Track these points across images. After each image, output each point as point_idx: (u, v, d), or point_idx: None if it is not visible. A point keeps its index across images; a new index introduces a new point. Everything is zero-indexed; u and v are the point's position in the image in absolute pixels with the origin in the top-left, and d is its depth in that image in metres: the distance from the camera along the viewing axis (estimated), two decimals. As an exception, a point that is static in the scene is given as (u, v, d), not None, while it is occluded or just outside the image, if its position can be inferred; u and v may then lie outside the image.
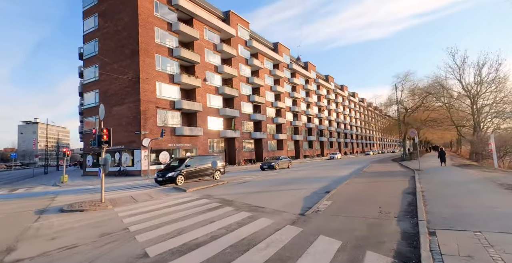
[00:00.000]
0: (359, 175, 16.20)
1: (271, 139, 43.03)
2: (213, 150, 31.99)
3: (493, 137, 15.00)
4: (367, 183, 12.49)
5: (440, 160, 22.38)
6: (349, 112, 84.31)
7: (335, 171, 21.16)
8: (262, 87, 41.40)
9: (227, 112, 32.94)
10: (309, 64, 59.49)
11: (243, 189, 12.54)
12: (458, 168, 17.36)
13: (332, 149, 67.41)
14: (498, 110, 27.11)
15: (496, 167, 15.41)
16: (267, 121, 42.24)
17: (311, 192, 11.01)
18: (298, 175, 18.60)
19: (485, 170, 14.47)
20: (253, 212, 7.70)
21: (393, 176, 15.25)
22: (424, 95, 35.90)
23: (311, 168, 25.33)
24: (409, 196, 8.90)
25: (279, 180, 16.09)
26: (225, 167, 18.60)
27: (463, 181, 11.00)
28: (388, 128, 64.45)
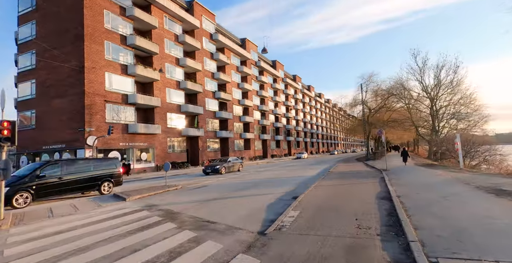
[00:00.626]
0: (327, 176, 15.15)
1: (238, 138, 41.30)
2: (174, 150, 29.39)
3: (459, 137, 14.88)
4: (337, 186, 11.33)
5: (403, 159, 22.70)
6: (316, 112, 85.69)
7: (302, 172, 20.09)
8: (228, 83, 39.48)
9: (190, 109, 30.52)
10: (277, 63, 58.82)
11: (197, 196, 10.64)
12: (423, 168, 17.17)
13: (299, 148, 67.66)
14: (454, 111, 28.36)
15: (462, 167, 15.34)
16: (234, 119, 40.41)
17: (276, 198, 9.50)
18: (264, 177, 17.12)
19: (451, 170, 14.24)
20: (199, 230, 5.91)
21: (362, 177, 14.41)
22: (387, 96, 36.81)
23: (278, 169, 24.10)
24: (385, 202, 7.75)
25: (243, 183, 14.42)
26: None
27: (436, 183, 10.27)
28: (352, 128, 66.33)
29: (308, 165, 28.03)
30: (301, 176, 16.69)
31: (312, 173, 18.97)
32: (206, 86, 34.97)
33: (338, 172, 17.58)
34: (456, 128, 28.22)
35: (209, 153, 34.48)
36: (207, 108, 34.70)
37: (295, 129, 66.57)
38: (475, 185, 9.07)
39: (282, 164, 31.64)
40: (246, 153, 42.95)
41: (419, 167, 18.02)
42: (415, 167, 18.45)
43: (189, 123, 32.06)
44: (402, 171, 16.26)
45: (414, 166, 19.05)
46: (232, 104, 40.20)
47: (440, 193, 8.18)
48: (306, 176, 16.61)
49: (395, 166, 19.85)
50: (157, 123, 27.01)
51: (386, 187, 10.28)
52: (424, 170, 15.09)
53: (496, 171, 16.48)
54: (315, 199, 8.52)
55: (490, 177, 10.46)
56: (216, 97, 36.42)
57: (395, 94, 34.58)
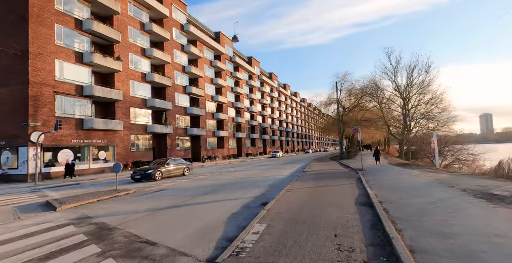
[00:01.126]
0: (301, 177, 14.04)
1: (211, 136, 39.39)
2: (138, 148, 26.95)
3: (436, 136, 14.44)
4: (312, 189, 10.17)
5: (375, 158, 22.41)
6: (291, 111, 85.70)
7: (276, 171, 18.92)
8: (201, 78, 37.40)
9: (157, 104, 28.19)
10: (253, 59, 57.47)
11: (148, 203, 8.94)
12: (398, 167, 16.68)
13: (275, 147, 67.00)
14: (424, 111, 28.77)
15: (438, 167, 14.95)
16: (206, 116, 38.44)
17: (242, 205, 8.10)
18: (234, 178, 15.67)
19: (428, 170, 13.75)
20: (128, 258, 4.32)
21: (338, 178, 13.46)
22: (360, 95, 36.97)
23: (251, 168, 22.76)
24: (367, 209, 6.64)
25: (207, 186, 12.85)
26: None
27: (418, 186, 9.44)
28: (326, 127, 66.93)
29: (282, 164, 27.02)
30: (274, 177, 15.46)
31: (286, 173, 17.85)
32: (176, 80, 32.70)
33: (312, 172, 16.59)
34: (427, 127, 28.69)
35: (178, 151, 32.32)
36: (177, 104, 32.46)
37: (271, 128, 65.76)
38: (460, 188, 8.31)
39: (256, 163, 30.38)
40: (219, 152, 41.19)
41: (394, 166, 17.57)
42: (390, 166, 17.98)
43: (156, 119, 29.69)
44: (377, 171, 15.60)
45: (388, 166, 18.60)
46: (204, 100, 38.19)
47: (427, 199, 7.24)
48: (279, 177, 15.41)
49: (369, 165, 19.31)
50: (118, 118, 24.48)
51: (364, 190, 9.28)
52: (400, 170, 14.49)
53: (470, 171, 16.42)
54: (287, 206, 7.22)
55: (472, 178, 9.88)
56: (187, 92, 34.25)
57: (368, 93, 34.65)
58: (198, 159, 36.21)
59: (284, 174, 16.88)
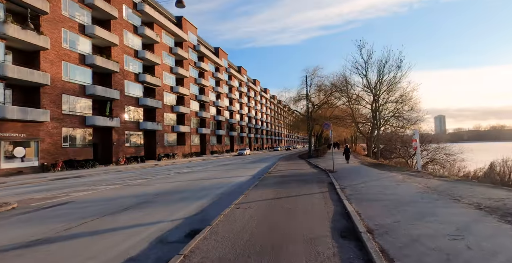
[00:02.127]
0: (262, 182, 11.31)
1: (169, 132, 35.36)
2: (74, 144, 22.44)
3: (418, 133, 12.55)
4: (271, 203, 7.43)
5: (345, 157, 20.68)
6: (261, 107, 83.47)
7: (237, 172, 16.06)
8: (158, 66, 33.17)
9: (99, 91, 23.78)
10: (220, 50, 53.84)
11: (16, 232, 5.53)
12: (373, 169, 14.67)
13: (243, 144, 64.21)
14: (394, 108, 27.75)
15: (420, 169, 13.11)
16: (164, 109, 34.35)
17: (156, 236, 5.08)
18: (180, 182, 12.50)
19: (410, 173, 11.77)
20: None
21: (306, 183, 10.95)
22: (330, 91, 35.55)
23: (210, 168, 19.64)
24: (353, 250, 3.99)
25: (135, 196, 9.56)
26: None
27: (412, 198, 7.10)
28: (295, 124, 65.64)
29: (247, 164, 24.25)
30: (230, 181, 12.56)
31: (247, 175, 15.06)
32: (126, 66, 28.29)
33: (277, 175, 13.98)
34: (397, 125, 27.71)
35: (128, 148, 28.06)
36: (126, 93, 28.11)
37: (239, 124, 62.81)
38: (469, 202, 6.09)
39: (218, 162, 27.28)
40: (179, 149, 37.31)
41: (368, 167, 15.59)
42: (364, 167, 16.00)
43: (100, 110, 25.22)
44: (351, 173, 13.42)
45: (361, 166, 16.65)
46: (162, 91, 34.04)
47: (437, 225, 4.79)
48: (237, 181, 12.56)
49: (340, 165, 17.22)
50: (45, 107, 19.87)
51: (341, 204, 6.74)
52: (377, 173, 12.39)
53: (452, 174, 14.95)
54: (223, 245, 4.33)
55: (472, 186, 7.86)
56: (140, 80, 29.94)
57: (338, 88, 33.15)
58: (153, 157, 32.14)
59: (244, 177, 14.07)
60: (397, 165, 17.80)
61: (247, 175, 15.06)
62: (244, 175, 14.86)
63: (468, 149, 19.23)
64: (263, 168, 18.97)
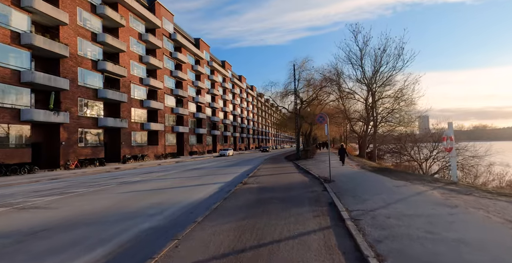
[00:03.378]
0: (228, 203, 7.38)
1: (138, 130, 30.83)
2: (4, 143, 17.75)
3: (452, 128, 8.95)
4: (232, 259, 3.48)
5: (340, 158, 17.48)
6: (247, 105, 79.53)
7: (202, 181, 12.04)
8: (123, 53, 28.60)
9: (40, 79, 19.14)
10: (202, 42, 49.44)
11: None
12: (383, 177, 11.02)
13: (227, 144, 60.05)
14: (394, 104, 24.40)
15: (456, 180, 9.50)
16: (132, 103, 29.82)
17: None
18: (92, 207, 8.34)
19: (446, 187, 8.09)
20: None
21: (293, 202, 7.15)
22: (320, 86, 32.19)
23: (171, 176, 15.49)
24: None
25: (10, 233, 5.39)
26: None
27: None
28: (283, 123, 62.06)
29: (224, 167, 20.28)
30: (181, 200, 8.51)
31: (215, 186, 11.08)
32: (81, 50, 23.65)
33: (254, 186, 10.08)
34: (397, 123, 24.35)
35: (82, 149, 23.44)
36: (80, 83, 23.48)
37: (223, 122, 58.61)
38: None
39: (192, 165, 23.15)
40: (151, 150, 32.82)
41: (374, 174, 11.95)
42: (368, 174, 12.36)
43: (44, 102, 20.56)
44: (356, 183, 9.71)
45: (364, 173, 13.01)
46: (129, 82, 29.49)
47: None
48: (192, 200, 8.54)
49: (337, 171, 13.52)
50: (-46, 96, 15.16)
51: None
52: (396, 186, 8.66)
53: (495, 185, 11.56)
54: None
55: None
56: (99, 69, 25.32)
57: (329, 82, 29.69)
58: (118, 159, 27.58)
59: (209, 190, 10.07)
60: (408, 170, 14.24)
61: (214, 186, 11.08)
62: (210, 187, 10.88)
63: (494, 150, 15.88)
64: (240, 175, 15.05)
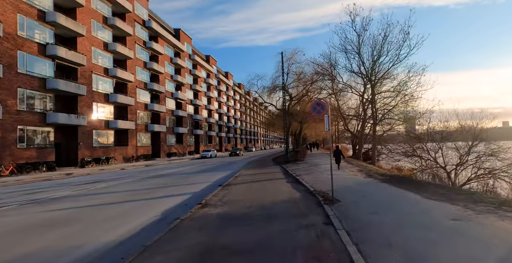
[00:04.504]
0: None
1: (101, 128, 26.55)
2: None
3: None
4: None
5: (336, 161, 14.57)
6: (234, 103, 75.67)
7: (150, 201, 8.19)
8: (82, 38, 24.29)
9: (-47, 61, 14.79)
10: (182, 33, 45.26)
11: None
12: (413, 194, 7.55)
13: (211, 145, 56.01)
14: (397, 99, 21.21)
15: None
16: (93, 97, 25.55)
17: None
18: None
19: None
20: None
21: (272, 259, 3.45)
22: (311, 81, 29.03)
23: (120, 188, 11.59)
24: None
25: None
26: None
27: None
28: (271, 122, 58.54)
29: (195, 174, 16.48)
30: (63, 254, 4.72)
31: (155, 214, 7.26)
32: (22, 29, 19.31)
33: (214, 213, 6.37)
34: (401, 119, 21.15)
35: (23, 151, 19.11)
36: (21, 70, 19.15)
37: (207, 121, 54.58)
38: None
39: (160, 170, 19.23)
40: (119, 152, 28.56)
41: (395, 188, 8.47)
42: (383, 187, 8.89)
43: (-35, 92, 16.19)
44: (386, 215, 6.15)
45: (377, 184, 9.56)
46: (90, 73, 25.18)
47: None
48: (84, 253, 4.74)
49: (340, 181, 10.00)
50: None
51: None
52: (462, 220, 5.12)
53: None
54: None
55: None
56: (49, 54, 21.00)
57: (322, 74, 26.45)
58: (75, 163, 23.29)
59: (135, 225, 6.21)
60: (434, 179, 10.76)
61: (158, 210, 7.28)
62: (151, 212, 7.10)
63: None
64: (209, 186, 11.32)
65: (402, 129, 21.73)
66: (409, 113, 19.80)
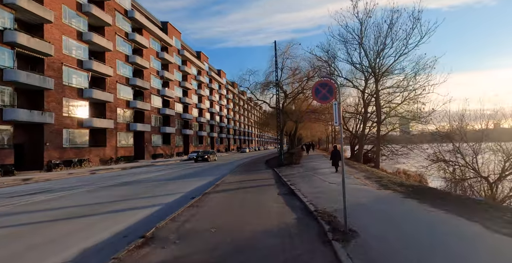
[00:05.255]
0: None
1: (74, 127, 23.75)
2: None
3: None
4: None
5: (333, 164, 13.04)
6: (227, 102, 73.05)
7: (84, 226, 5.59)
8: (49, 24, 21.52)
9: None
10: (170, 26, 42.49)
11: None
12: (457, 220, 5.14)
13: (202, 145, 53.30)
14: (405, 95, 18.89)
15: None
16: (64, 92, 22.76)
17: None
18: None
19: None
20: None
21: None
22: (307, 77, 26.81)
23: (68, 201, 8.97)
24: None
25: None
26: None
27: None
28: (264, 122, 55.92)
29: (171, 181, 13.90)
30: None
31: (82, 246, 4.72)
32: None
33: (164, 260, 3.87)
34: (410, 117, 18.83)
35: (-28, 153, 16.27)
36: (-31, 58, 16.34)
37: (197, 121, 51.90)
38: None
39: (135, 175, 16.59)
40: (95, 153, 25.76)
41: (441, 214, 6.04)
42: (437, 218, 6.42)
43: None
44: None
45: (409, 205, 7.14)
46: (60, 65, 22.38)
47: None
48: None
49: (354, 199, 7.56)
50: None
51: None
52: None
53: None
54: None
55: None
56: (7, 41, 18.19)
57: (319, 71, 24.17)
58: (40, 166, 20.48)
59: None
60: (465, 191, 8.35)
61: (71, 251, 4.74)
62: (66, 252, 4.56)
63: None
64: (177, 200, 8.81)
65: (411, 128, 19.50)
66: (420, 110, 17.48)
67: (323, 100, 4.73)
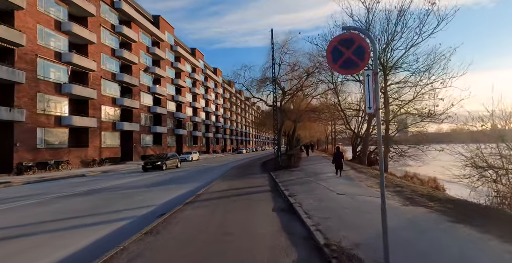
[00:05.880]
0: None
1: (50, 126, 21.54)
2: None
3: None
4: None
5: (336, 166, 11.87)
6: (223, 102, 70.88)
7: None
8: (22, 11, 19.36)
9: None
10: (162, 20, 40.25)
11: None
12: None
13: (197, 146, 51.10)
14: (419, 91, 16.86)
15: None
16: (38, 87, 20.57)
17: None
18: None
19: None
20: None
21: None
22: (307, 73, 24.99)
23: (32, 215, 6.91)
24: None
25: None
26: None
27: None
28: (262, 121, 53.76)
29: (152, 188, 11.79)
30: None
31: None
32: None
33: None
34: (424, 115, 16.76)
35: None
36: None
37: (192, 120, 49.73)
38: None
39: (112, 180, 14.44)
40: (75, 154, 23.53)
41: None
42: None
43: None
44: None
45: (468, 241, 5.10)
46: (34, 57, 20.17)
47: None
48: None
49: (372, 220, 5.54)
50: None
51: None
52: None
53: None
54: None
55: None
56: (-34, 26, 16.04)
57: (318, 67, 22.33)
58: (8, 170, 18.27)
59: None
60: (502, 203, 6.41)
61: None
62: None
63: None
64: (139, 219, 6.74)
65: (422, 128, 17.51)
66: (435, 107, 15.45)
67: (347, 68, 2.67)
